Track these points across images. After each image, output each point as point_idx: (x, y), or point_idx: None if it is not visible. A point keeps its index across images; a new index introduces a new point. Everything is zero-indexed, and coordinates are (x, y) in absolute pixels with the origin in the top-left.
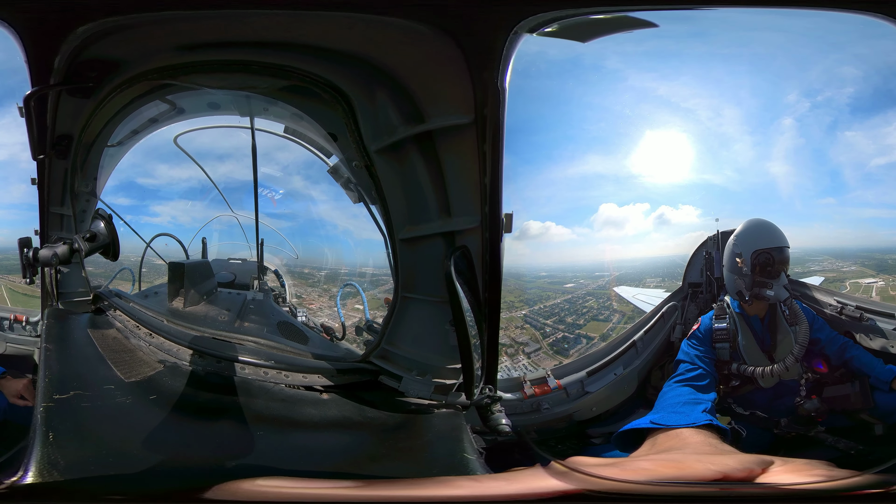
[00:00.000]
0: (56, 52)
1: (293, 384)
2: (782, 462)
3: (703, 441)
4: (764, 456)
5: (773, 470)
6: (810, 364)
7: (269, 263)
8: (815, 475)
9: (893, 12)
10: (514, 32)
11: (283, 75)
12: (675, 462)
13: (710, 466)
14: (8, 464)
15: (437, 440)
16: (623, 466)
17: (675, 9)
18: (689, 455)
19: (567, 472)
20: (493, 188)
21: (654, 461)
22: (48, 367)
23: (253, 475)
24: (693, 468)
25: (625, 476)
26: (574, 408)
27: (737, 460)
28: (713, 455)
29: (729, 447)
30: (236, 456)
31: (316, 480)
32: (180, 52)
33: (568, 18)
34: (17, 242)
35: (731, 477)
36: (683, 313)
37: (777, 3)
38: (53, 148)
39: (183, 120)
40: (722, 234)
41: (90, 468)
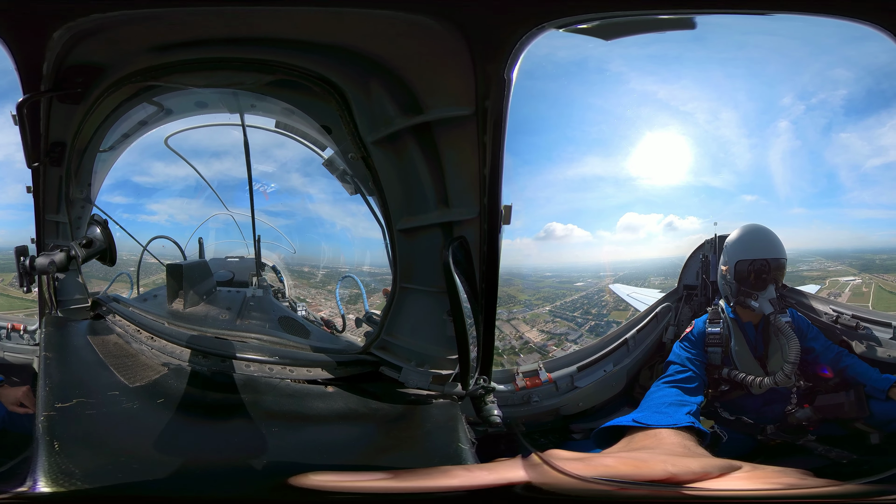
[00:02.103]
0: (42, 58)
1: (298, 378)
2: (751, 468)
3: (678, 442)
4: (733, 461)
5: (735, 475)
6: (805, 372)
7: (266, 259)
8: (782, 483)
9: (880, 20)
10: (533, 29)
11: (269, 70)
12: (636, 461)
13: (667, 467)
14: (10, 473)
15: (435, 431)
16: (588, 462)
17: (678, 14)
18: (656, 455)
19: (540, 464)
20: (493, 180)
21: (618, 458)
22: (48, 376)
23: (278, 473)
24: (650, 468)
25: (585, 472)
26: (562, 402)
27: (699, 463)
28: (678, 457)
29: (702, 450)
30: (258, 455)
31: (349, 474)
32: (159, 52)
33: (588, 21)
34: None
35: (682, 479)
36: (677, 315)
37: (766, 9)
38: (47, 155)
39: (172, 121)
40: (719, 237)
41: (112, 476)
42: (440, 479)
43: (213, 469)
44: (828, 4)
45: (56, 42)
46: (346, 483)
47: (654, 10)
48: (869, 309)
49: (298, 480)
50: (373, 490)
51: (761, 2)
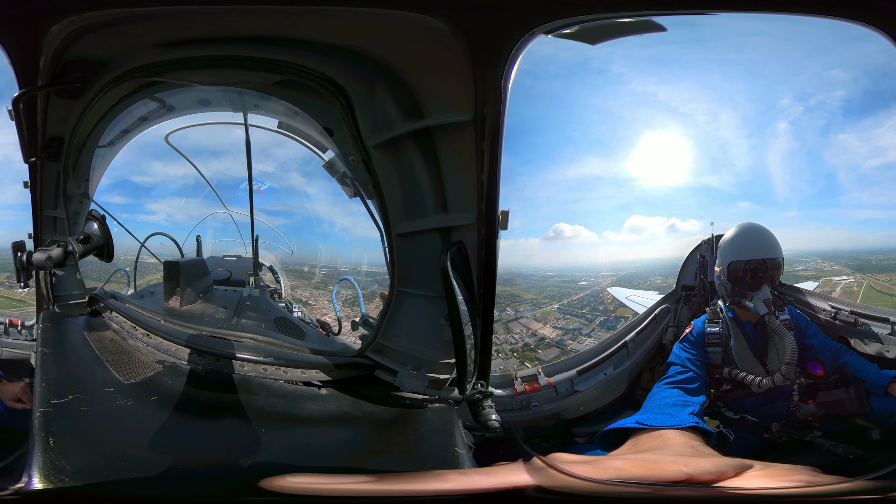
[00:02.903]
0: (38, 52)
1: (292, 380)
2: (762, 466)
3: (684, 443)
4: (744, 460)
5: (749, 474)
6: (804, 369)
7: (264, 260)
8: (794, 480)
9: (876, 21)
10: (528, 34)
11: (278, 70)
12: (647, 462)
13: (681, 468)
14: (9, 469)
15: (430, 434)
16: (597, 465)
17: (676, 14)
18: (666, 456)
19: (544, 468)
20: (491, 185)
21: (628, 460)
22: (45, 371)
23: (265, 474)
24: (664, 469)
25: (595, 474)
26: (562, 406)
27: (712, 463)
28: (689, 457)
29: (710, 450)
30: (246, 455)
31: (328, 476)
32: (164, 49)
33: (585, 23)
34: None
35: (700, 479)
36: (676, 316)
37: (762, 9)
38: (45, 150)
39: (174, 117)
40: (716, 237)
41: (101, 473)
42: (433, 483)
43: (202, 468)
44: (824, 5)
45: (54, 36)
46: (324, 485)
47: (652, 12)
48: (867, 305)
49: (274, 482)
50: (354, 493)
51: (757, 3)
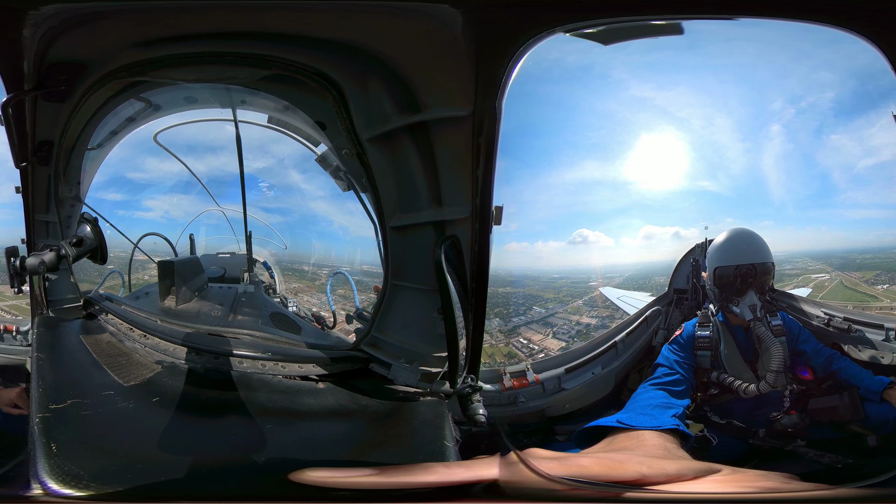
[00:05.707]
0: (20, 56)
1: (289, 374)
2: (731, 472)
3: (659, 444)
4: (713, 464)
5: (711, 478)
6: (796, 374)
7: (257, 256)
8: (760, 487)
9: (856, 26)
10: (537, 35)
11: (264, 65)
12: (611, 461)
13: (640, 469)
14: (9, 475)
15: (422, 427)
16: (564, 461)
17: (671, 19)
18: (633, 456)
19: (515, 462)
20: (486, 180)
21: (594, 458)
22: (41, 377)
23: (278, 469)
24: (624, 469)
25: (559, 471)
26: (548, 403)
27: (675, 466)
28: (655, 458)
29: (683, 453)
30: (257, 451)
31: (342, 470)
32: (141, 48)
33: (597, 27)
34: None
35: (654, 481)
36: (667, 318)
37: (745, 14)
38: (35, 155)
39: (162, 116)
40: (709, 241)
41: (120, 478)
42: (421, 476)
43: (213, 467)
44: (806, 10)
45: (28, 39)
46: (339, 479)
47: (651, 16)
48: (861, 311)
49: (297, 476)
50: (361, 486)
51: (747, 8)
